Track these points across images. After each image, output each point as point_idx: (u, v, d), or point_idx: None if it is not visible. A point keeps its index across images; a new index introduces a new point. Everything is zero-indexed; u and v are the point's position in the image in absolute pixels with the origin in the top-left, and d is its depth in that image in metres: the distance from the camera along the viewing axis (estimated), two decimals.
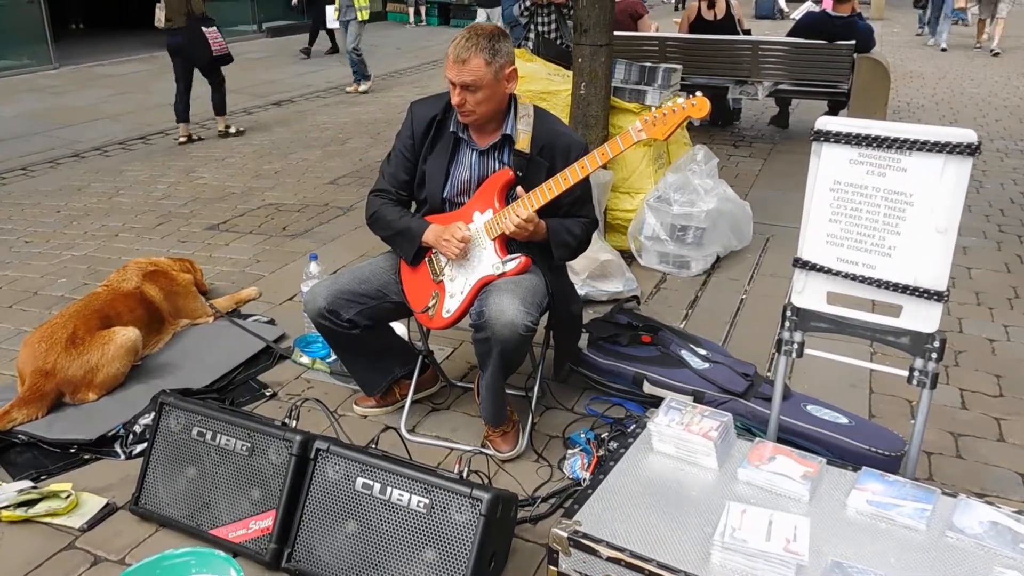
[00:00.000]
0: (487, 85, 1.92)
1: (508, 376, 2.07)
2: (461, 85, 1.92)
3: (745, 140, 5.89)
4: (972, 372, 2.64)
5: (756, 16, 13.49)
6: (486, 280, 2.00)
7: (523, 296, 1.90)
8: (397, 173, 2.13)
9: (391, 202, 2.14)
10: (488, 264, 2.00)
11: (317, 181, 4.95)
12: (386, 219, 2.12)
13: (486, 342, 1.92)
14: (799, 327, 1.81)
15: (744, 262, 3.55)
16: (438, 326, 2.09)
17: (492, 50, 1.91)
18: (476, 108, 1.95)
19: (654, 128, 1.85)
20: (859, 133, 1.64)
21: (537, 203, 1.92)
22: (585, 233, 2.09)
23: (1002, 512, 1.50)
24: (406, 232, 2.09)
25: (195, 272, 3.07)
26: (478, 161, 2.08)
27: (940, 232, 1.61)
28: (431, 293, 2.09)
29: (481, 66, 1.90)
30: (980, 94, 7.67)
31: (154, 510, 1.90)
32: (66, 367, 2.35)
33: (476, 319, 1.92)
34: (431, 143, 2.08)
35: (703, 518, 1.51)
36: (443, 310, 2.05)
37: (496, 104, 1.98)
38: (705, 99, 1.82)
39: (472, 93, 1.92)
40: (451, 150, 2.07)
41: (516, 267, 1.97)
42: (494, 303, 1.88)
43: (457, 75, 1.91)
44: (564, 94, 3.58)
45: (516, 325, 1.86)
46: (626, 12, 5.65)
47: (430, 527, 1.61)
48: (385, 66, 9.60)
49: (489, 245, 2.00)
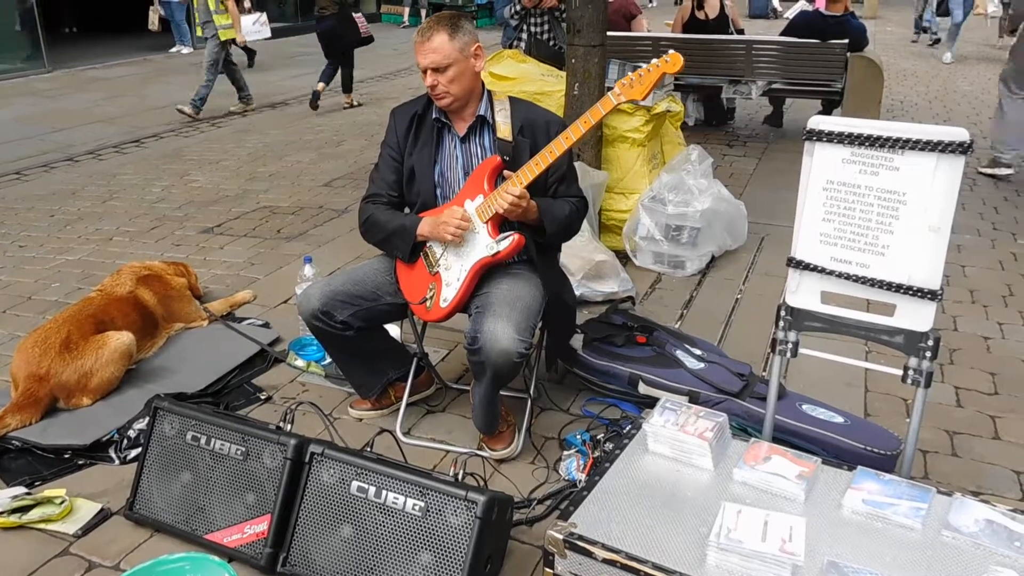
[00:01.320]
0: (455, 61, 1.96)
1: (502, 388, 2.07)
2: (432, 68, 1.97)
3: (739, 139, 5.90)
4: (967, 370, 2.64)
5: (750, 15, 13.52)
6: (482, 263, 2.00)
7: (517, 321, 1.90)
8: (386, 175, 2.16)
9: (383, 206, 2.15)
10: (482, 246, 2.00)
11: (312, 183, 4.94)
12: (380, 222, 2.13)
13: (480, 364, 1.93)
14: (793, 326, 1.81)
15: (739, 261, 3.55)
16: (436, 317, 2.09)
17: (453, 27, 1.97)
18: (449, 87, 1.99)
19: (632, 89, 1.90)
20: (851, 132, 1.64)
21: (526, 179, 1.94)
22: (575, 211, 2.10)
23: (997, 511, 1.50)
24: (400, 231, 2.10)
25: (189, 276, 3.06)
26: (462, 150, 2.11)
27: (933, 231, 1.61)
28: (428, 285, 2.09)
29: (445, 42, 1.95)
30: (973, 92, 7.70)
31: (149, 515, 1.89)
32: (60, 372, 2.34)
33: (470, 343, 1.93)
34: (414, 138, 2.12)
35: (699, 519, 1.51)
36: (440, 299, 2.06)
37: (468, 83, 2.02)
38: (678, 54, 1.86)
39: (442, 73, 1.97)
40: (435, 142, 2.11)
41: (510, 245, 1.98)
42: (488, 330, 1.88)
43: (424, 56, 1.97)
44: (558, 95, 3.58)
45: (510, 353, 1.87)
46: (619, 12, 5.66)
47: (425, 530, 1.61)
48: (380, 68, 9.60)
49: (482, 228, 2.01)
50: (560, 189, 2.10)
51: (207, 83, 6.67)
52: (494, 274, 2.08)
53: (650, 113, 3.52)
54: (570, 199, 2.11)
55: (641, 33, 5.88)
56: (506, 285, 2.02)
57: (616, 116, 3.56)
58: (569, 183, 2.12)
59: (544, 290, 2.07)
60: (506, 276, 2.06)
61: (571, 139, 1.92)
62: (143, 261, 3.02)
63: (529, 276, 2.08)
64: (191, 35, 10.72)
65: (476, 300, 2.05)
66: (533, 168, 1.94)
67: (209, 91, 6.72)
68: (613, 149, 3.58)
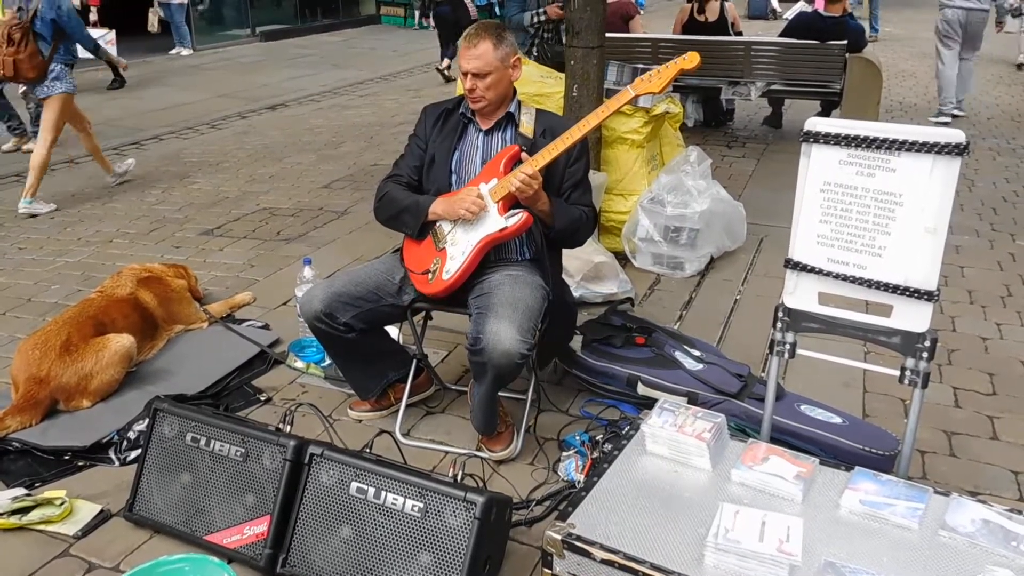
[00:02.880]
0: (495, 69, 2.06)
1: (502, 389, 2.08)
2: (473, 72, 2.06)
3: (739, 140, 5.91)
4: (965, 370, 2.65)
5: (749, 16, 13.53)
6: (489, 239, 2.04)
7: (520, 322, 1.92)
8: (409, 160, 2.25)
9: (402, 185, 2.22)
10: (491, 223, 2.04)
11: (311, 185, 4.95)
12: (395, 198, 2.19)
13: (482, 365, 1.94)
14: (791, 327, 1.81)
15: (738, 263, 3.56)
16: (436, 290, 2.10)
17: (498, 37, 2.08)
18: (486, 93, 2.08)
19: (649, 83, 1.98)
20: (848, 134, 1.65)
21: (542, 161, 2.00)
22: (585, 217, 2.15)
23: (994, 510, 1.50)
24: (412, 207, 2.16)
25: (189, 278, 3.07)
26: (484, 140, 2.18)
27: (930, 232, 1.61)
28: (433, 259, 2.13)
29: (489, 50, 2.05)
30: (972, 92, 7.71)
31: (148, 516, 1.89)
32: (60, 374, 2.34)
33: (473, 344, 1.94)
34: (439, 130, 2.21)
35: (696, 519, 1.52)
36: (443, 271, 2.09)
37: (503, 90, 2.12)
38: (696, 53, 1.94)
39: (482, 79, 2.06)
40: (458, 133, 2.19)
41: (518, 222, 2.01)
42: (491, 331, 1.90)
43: (467, 61, 2.07)
44: (557, 96, 3.59)
45: (512, 354, 1.89)
46: (617, 14, 5.67)
47: (424, 531, 1.61)
48: (380, 69, 9.61)
49: (492, 207, 2.05)
50: (573, 195, 2.14)
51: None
52: (496, 274, 2.10)
53: (649, 115, 3.53)
54: (582, 207, 2.15)
55: (639, 34, 5.89)
56: (508, 286, 2.03)
57: (615, 118, 3.56)
58: (583, 192, 2.17)
59: (546, 290, 2.08)
60: (508, 277, 2.07)
61: (587, 127, 2.01)
62: (143, 263, 3.02)
63: (531, 278, 2.09)
64: (191, 37, 10.73)
65: (477, 300, 2.06)
66: (551, 151, 2.00)
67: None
68: (612, 151, 3.59)
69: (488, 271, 2.11)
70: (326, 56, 10.75)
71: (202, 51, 10.95)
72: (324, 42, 12.17)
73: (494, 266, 2.13)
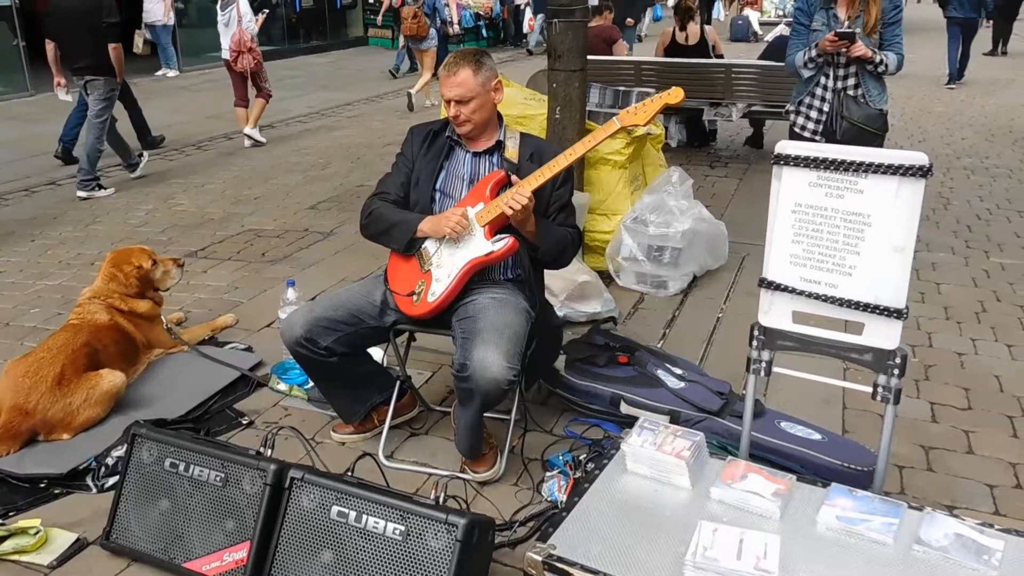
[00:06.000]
0: (477, 95, 2.10)
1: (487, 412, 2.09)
2: (456, 100, 2.10)
3: (721, 160, 6.00)
4: (942, 386, 2.69)
5: (731, 39, 13.81)
6: (475, 262, 2.06)
7: (507, 348, 1.93)
8: (396, 177, 2.28)
9: (389, 202, 2.24)
10: (477, 247, 2.07)
11: (297, 206, 4.96)
12: (383, 215, 2.21)
13: (469, 391, 1.95)
14: (766, 346, 1.84)
15: (720, 281, 3.60)
16: (420, 312, 2.11)
17: (477, 63, 2.12)
18: (472, 117, 2.13)
19: (635, 116, 2.03)
20: (817, 156, 1.69)
21: (531, 186, 2.03)
22: (570, 238, 2.19)
23: (967, 524, 1.53)
24: (402, 223, 2.18)
25: (155, 268, 2.82)
26: (472, 161, 2.22)
27: (898, 251, 1.66)
28: (418, 281, 2.14)
29: (469, 76, 2.09)
30: (947, 113, 7.89)
31: (126, 544, 1.87)
32: (47, 408, 2.29)
33: (459, 371, 1.95)
34: (426, 150, 2.25)
35: (676, 538, 1.53)
36: (428, 294, 2.10)
37: (488, 114, 2.16)
38: (680, 89, 2.01)
39: (465, 105, 2.10)
40: (444, 154, 2.23)
41: (505, 247, 2.04)
42: (478, 358, 1.91)
43: (449, 89, 2.11)
44: (540, 118, 3.64)
45: (500, 381, 1.90)
46: (600, 37, 5.78)
47: (406, 554, 1.61)
48: (367, 91, 9.68)
49: (479, 231, 2.08)
50: (559, 217, 2.19)
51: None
52: (481, 296, 2.11)
53: (631, 136, 3.58)
54: (568, 228, 2.19)
55: (622, 57, 6.00)
56: (493, 310, 2.04)
57: None
58: (568, 214, 2.22)
59: (531, 313, 2.10)
60: (493, 300, 2.09)
61: (573, 156, 2.06)
62: (91, 287, 2.74)
63: (515, 301, 2.11)
64: (177, 58, 10.77)
65: (463, 324, 2.07)
66: (539, 177, 2.04)
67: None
68: (595, 171, 3.64)
69: (473, 292, 2.13)
70: (314, 77, 10.83)
71: (188, 72, 10.98)
72: (312, 64, 12.26)
73: (478, 287, 2.14)
